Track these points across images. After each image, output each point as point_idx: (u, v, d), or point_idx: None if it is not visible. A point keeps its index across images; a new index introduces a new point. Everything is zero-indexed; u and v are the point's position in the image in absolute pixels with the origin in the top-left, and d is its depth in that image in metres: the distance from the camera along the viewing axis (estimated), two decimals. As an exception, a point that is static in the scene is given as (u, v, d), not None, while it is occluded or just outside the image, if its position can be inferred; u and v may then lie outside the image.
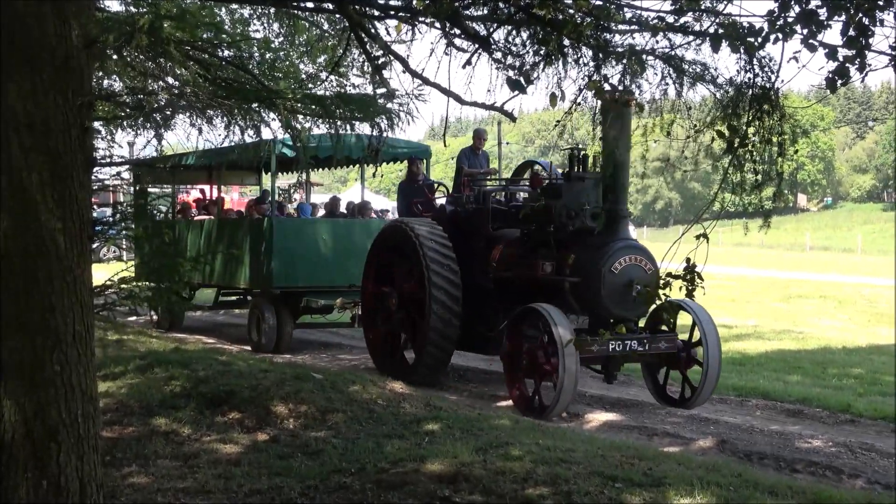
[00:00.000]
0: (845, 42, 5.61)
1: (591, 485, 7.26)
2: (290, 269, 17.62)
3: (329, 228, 18.46)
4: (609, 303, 11.95)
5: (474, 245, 14.08)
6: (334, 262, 17.93)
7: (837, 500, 6.45)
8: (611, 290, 11.88)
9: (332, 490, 7.45)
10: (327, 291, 17.76)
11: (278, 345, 17.63)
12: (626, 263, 11.93)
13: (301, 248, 17.80)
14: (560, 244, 12.47)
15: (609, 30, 6.64)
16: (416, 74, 8.11)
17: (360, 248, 17.06)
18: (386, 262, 15.12)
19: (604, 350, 11.93)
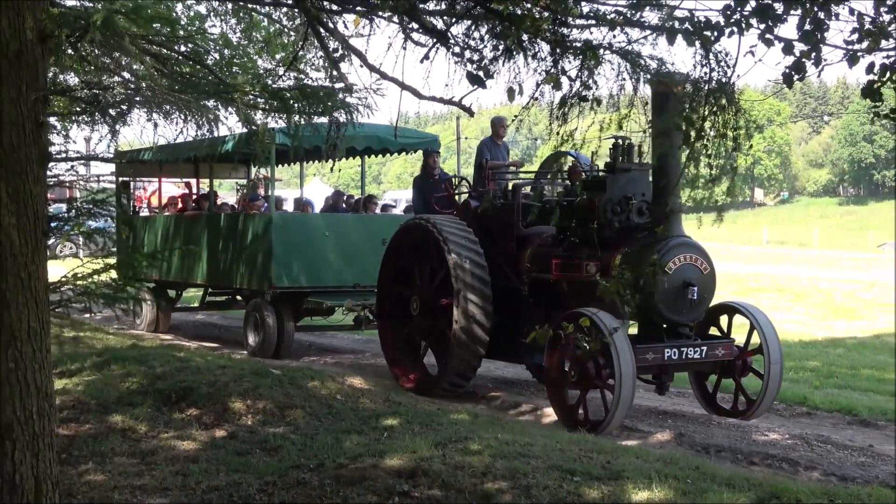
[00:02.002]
0: (801, 37, 5.64)
1: (550, 478, 7.27)
2: (291, 268, 16.66)
3: (332, 224, 17.38)
4: (662, 307, 10.91)
5: (503, 244, 13.01)
6: (338, 260, 16.98)
7: (794, 492, 6.49)
8: (665, 292, 10.82)
9: (290, 486, 7.44)
10: (331, 292, 16.81)
11: (278, 349, 16.52)
12: (681, 263, 10.93)
13: (303, 245, 16.79)
14: (605, 242, 11.45)
15: (566, 24, 6.64)
16: (374, 69, 8.09)
17: (366, 245, 16.64)
18: (405, 262, 13.97)
19: (658, 359, 10.94)
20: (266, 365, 12.66)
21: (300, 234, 16.84)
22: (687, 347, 11.06)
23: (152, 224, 20.40)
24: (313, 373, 11.96)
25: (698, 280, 10.91)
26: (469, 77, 6.65)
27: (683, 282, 10.83)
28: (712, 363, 11.46)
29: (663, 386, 11.49)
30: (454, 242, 12.59)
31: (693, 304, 10.91)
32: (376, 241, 15.98)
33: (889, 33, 5.82)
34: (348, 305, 16.09)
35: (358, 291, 16.55)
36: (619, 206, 11.39)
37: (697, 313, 11.19)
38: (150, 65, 9.03)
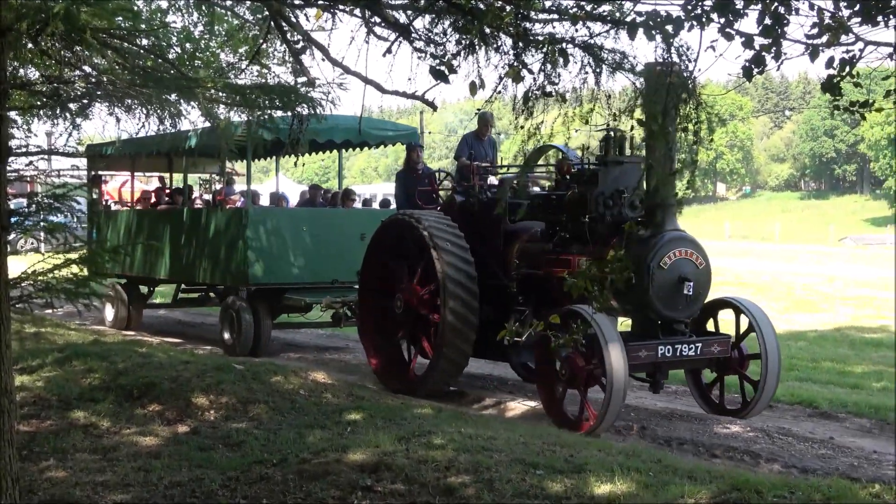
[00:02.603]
0: (761, 31, 5.67)
1: (513, 472, 7.29)
2: (268, 264, 16.18)
3: (310, 219, 16.95)
4: (658, 303, 10.55)
5: (489, 240, 12.59)
6: (316, 255, 16.52)
7: (754, 484, 6.52)
8: (660, 288, 10.50)
9: (253, 481, 7.42)
10: (310, 288, 16.44)
11: (255, 346, 16.07)
12: (677, 258, 10.59)
13: (280, 240, 16.36)
14: (597, 237, 11.06)
15: (529, 18, 6.65)
16: (336, 63, 8.08)
17: (344, 240, 16.32)
18: (388, 259, 13.51)
19: (652, 356, 10.61)
20: (229, 360, 12.61)
21: (277, 229, 16.41)
22: (681, 344, 10.77)
23: (124, 219, 19.92)
24: (276, 368, 11.93)
25: (694, 275, 10.64)
26: (432, 72, 6.64)
27: (679, 277, 10.56)
28: (707, 360, 11.19)
29: (658, 384, 11.19)
30: (439, 238, 12.22)
31: (689, 299, 10.64)
32: (355, 236, 15.79)
33: (848, 28, 5.85)
34: (327, 302, 15.75)
35: (337, 288, 16.25)
36: (612, 200, 11.06)
37: (693, 309, 10.92)
38: (111, 59, 9.00)
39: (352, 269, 15.39)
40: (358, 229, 15.93)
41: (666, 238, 10.60)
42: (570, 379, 10.51)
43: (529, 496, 6.82)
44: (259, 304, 16.21)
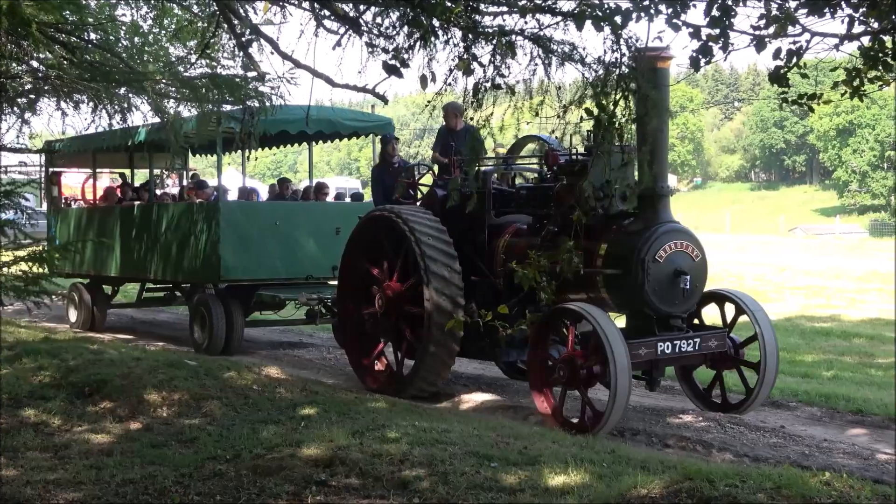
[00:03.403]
0: (709, 22, 5.71)
1: (467, 465, 7.29)
2: (241, 260, 15.56)
3: (283, 213, 16.34)
4: (654, 297, 10.18)
5: (473, 235, 12.03)
6: (290, 251, 15.98)
7: (706, 474, 6.55)
8: (656, 282, 10.14)
9: (206, 477, 7.38)
10: (283, 284, 15.97)
11: (228, 345, 15.50)
12: (672, 251, 10.24)
13: (253, 235, 15.72)
14: (588, 231, 10.00)
15: (479, 11, 6.66)
16: (286, 56, 8.06)
17: (319, 234, 15.99)
18: (368, 256, 12.83)
19: (651, 353, 10.20)
20: (181, 356, 12.54)
21: (249, 224, 15.86)
22: (680, 340, 10.40)
23: (86, 217, 19.38)
24: (229, 363, 11.89)
25: (690, 269, 10.30)
26: (385, 67, 6.63)
27: (675, 270, 10.22)
28: (704, 356, 10.82)
29: (654, 382, 10.68)
30: (422, 234, 11.67)
31: (685, 293, 10.31)
32: (330, 231, 15.60)
33: (795, 19, 5.91)
34: (303, 300, 15.21)
35: (311, 284, 15.87)
36: (602, 191, 10.56)
37: (690, 304, 10.60)
38: (58, 53, 8.92)
39: (326, 264, 15.31)
40: (332, 223, 15.69)
41: (661, 230, 10.29)
42: (568, 380, 10.06)
43: (484, 489, 6.83)
44: (231, 301, 15.76)
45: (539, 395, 10.43)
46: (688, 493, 6.24)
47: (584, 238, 9.99)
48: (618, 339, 9.65)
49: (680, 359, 10.69)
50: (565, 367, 10.02)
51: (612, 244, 10.45)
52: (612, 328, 9.74)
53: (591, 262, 10.34)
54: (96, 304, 18.81)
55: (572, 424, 9.99)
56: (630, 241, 10.28)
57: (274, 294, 15.68)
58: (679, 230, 10.48)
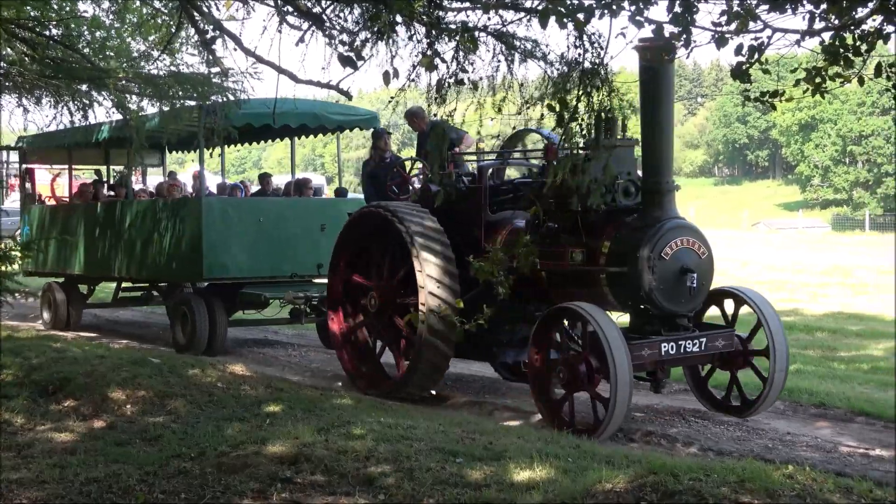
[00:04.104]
0: (671, 18, 5.73)
1: (433, 460, 7.30)
2: (223, 258, 15.15)
3: (266, 210, 15.88)
4: (659, 296, 9.84)
5: (469, 232, 11.50)
6: (274, 248, 15.55)
7: (671, 468, 6.59)
8: (661, 280, 9.80)
9: (171, 475, 7.36)
10: (267, 282, 15.57)
11: (210, 346, 15.08)
12: (678, 248, 9.89)
13: (236, 232, 15.27)
14: (589, 227, 10.28)
15: (441, 6, 6.66)
16: (249, 52, 8.04)
17: (303, 231, 15.64)
18: (360, 254, 12.41)
19: (655, 354, 9.87)
20: (144, 353, 12.48)
21: (232, 221, 15.39)
22: (685, 340, 10.02)
23: (59, 214, 19.00)
24: (194, 361, 11.84)
25: (697, 266, 9.97)
26: (340, 59, 6.62)
27: (681, 268, 9.86)
28: (711, 356, 10.47)
29: (659, 383, 10.40)
30: (417, 232, 11.22)
31: (692, 292, 9.95)
32: (315, 228, 15.38)
33: (756, 15, 5.94)
34: (289, 298, 14.69)
35: (296, 282, 15.50)
36: (605, 187, 10.15)
37: (696, 302, 10.23)
38: (20, 50, 8.86)
39: (312, 262, 15.00)
40: (317, 220, 15.45)
41: (666, 226, 9.93)
42: (568, 382, 9.74)
43: (449, 484, 6.83)
44: (214, 300, 15.36)
45: (539, 398, 10.16)
46: (652, 487, 6.27)
47: (586, 235, 10.24)
48: (618, 340, 9.33)
49: (685, 360, 10.35)
50: (565, 368, 9.74)
51: (616, 241, 10.15)
52: (612, 328, 9.42)
53: (593, 259, 10.22)
54: (71, 303, 18.41)
55: (567, 424, 9.70)
56: (634, 237, 9.96)
57: (258, 292, 15.33)
58: (685, 226, 10.15)
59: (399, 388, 11.60)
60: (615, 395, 9.21)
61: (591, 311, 9.52)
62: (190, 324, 15.22)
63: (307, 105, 15.85)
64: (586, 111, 6.72)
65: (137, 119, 12.63)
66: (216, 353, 14.83)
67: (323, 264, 14.32)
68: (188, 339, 15.24)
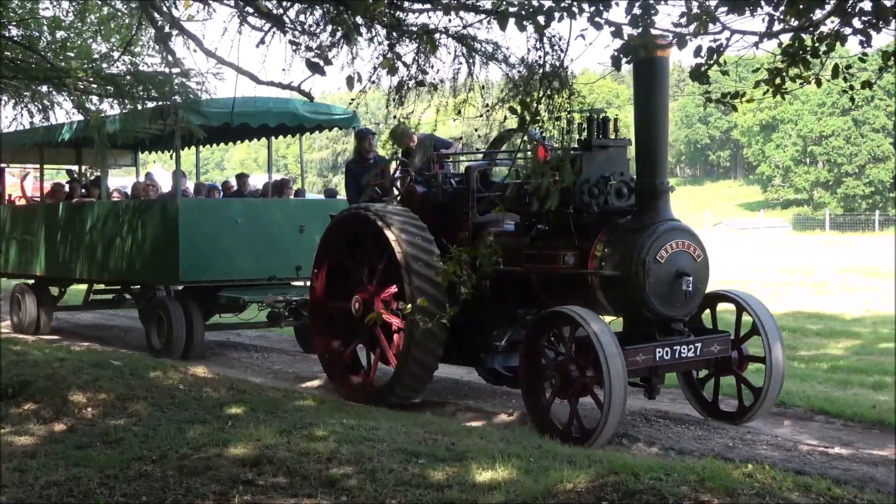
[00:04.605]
0: (630, 20, 5.76)
1: (395, 461, 7.31)
2: (200, 260, 14.86)
3: (245, 211, 15.60)
4: (654, 300, 9.62)
5: (456, 234, 10.99)
6: (252, 250, 15.25)
7: (632, 467, 6.63)
8: (656, 283, 9.58)
9: (132, 479, 7.31)
10: (245, 285, 15.26)
11: (188, 350, 14.84)
12: (674, 250, 9.70)
13: (214, 234, 15.03)
14: (582, 229, 10.08)
15: (402, 8, 6.67)
16: (209, 53, 8.02)
17: (282, 233, 15.40)
18: (343, 257, 12.07)
19: (649, 360, 9.61)
20: (106, 355, 12.42)
21: (210, 222, 15.16)
22: (680, 345, 9.81)
23: (31, 214, 18.60)
24: (155, 363, 11.78)
25: (692, 269, 9.76)
26: (308, 65, 6.61)
27: (677, 271, 9.65)
28: (706, 361, 10.25)
29: (653, 389, 10.05)
30: (404, 234, 10.94)
31: (688, 296, 9.76)
32: (293, 229, 15.19)
33: (715, 17, 5.99)
34: (269, 301, 14.50)
35: (275, 285, 15.28)
36: (597, 188, 10.05)
37: (692, 306, 10.06)
38: (-22, 50, 8.78)
39: (290, 264, 14.83)
40: (296, 221, 15.26)
41: (661, 229, 9.73)
42: (561, 388, 9.50)
43: (411, 485, 6.84)
44: (191, 303, 15.14)
45: (532, 406, 9.92)
46: (613, 486, 6.30)
47: (578, 237, 10.06)
48: (612, 345, 9.09)
49: (680, 365, 10.12)
50: (558, 374, 9.52)
51: (609, 244, 9.94)
52: (606, 333, 9.17)
53: (585, 262, 10.01)
54: (42, 305, 18.11)
55: (560, 432, 9.47)
56: (629, 240, 9.78)
57: (237, 295, 14.97)
58: (680, 228, 9.96)
59: (384, 395, 11.26)
60: (609, 401, 9.00)
61: (586, 316, 9.30)
62: (166, 328, 14.93)
63: (285, 104, 15.57)
64: (547, 113, 6.72)
65: (98, 120, 12.55)
66: (193, 357, 14.55)
67: (302, 266, 14.35)
68: (164, 344, 14.94)
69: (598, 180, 10.08)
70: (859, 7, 5.94)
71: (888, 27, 5.98)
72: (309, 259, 12.67)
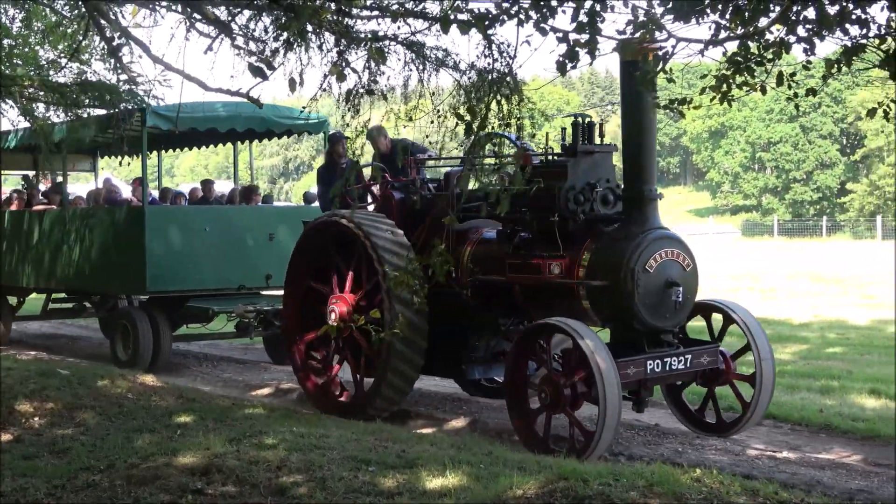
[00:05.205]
0: (576, 27, 5.79)
1: (345, 469, 7.29)
2: (167, 269, 14.43)
3: (213, 218, 15.20)
4: (643, 311, 9.32)
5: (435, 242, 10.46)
6: (221, 258, 14.84)
7: (581, 473, 6.66)
8: (646, 294, 9.30)
9: (79, 488, 7.26)
10: (213, 295, 14.82)
11: (154, 362, 14.35)
12: (663, 259, 9.42)
13: (181, 242, 14.60)
14: (567, 237, 9.78)
15: (350, 15, 6.67)
16: (157, 60, 7.98)
17: (252, 240, 15.06)
18: (318, 267, 11.67)
19: (640, 373, 9.32)
20: (53, 364, 12.30)
21: (177, 230, 14.71)
22: (670, 357, 9.53)
23: None
24: (104, 371, 11.69)
25: (682, 279, 9.52)
26: (251, 69, 6.59)
27: (666, 281, 9.39)
28: (695, 373, 9.95)
29: (642, 402, 9.71)
30: (383, 247, 10.54)
31: (677, 306, 9.50)
32: (263, 237, 14.94)
33: (661, 25, 6.03)
34: (239, 312, 14.09)
35: (244, 294, 14.91)
36: (583, 195, 9.78)
37: (681, 317, 9.80)
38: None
39: (260, 273, 14.57)
40: (265, 229, 15.01)
41: (650, 237, 9.44)
42: (552, 403, 9.18)
43: (362, 493, 6.83)
44: (157, 313, 14.70)
45: (518, 420, 9.63)
46: (562, 492, 6.33)
47: (564, 246, 9.73)
48: (605, 356, 8.80)
49: (670, 377, 9.84)
50: (548, 388, 9.18)
51: (597, 253, 9.65)
52: (599, 345, 8.86)
53: (571, 272, 9.70)
54: (0, 316, 17.71)
55: (550, 449, 9.18)
56: (617, 249, 9.47)
57: (206, 306, 14.47)
58: (669, 237, 9.67)
59: (361, 407, 10.90)
60: (604, 416, 8.71)
61: (577, 328, 8.99)
62: (132, 339, 14.51)
63: (254, 109, 14.53)
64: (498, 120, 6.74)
65: (45, 127, 12.46)
66: (160, 370, 14.08)
67: (272, 275, 14.13)
68: (131, 356, 14.51)
69: (584, 187, 9.83)
70: (803, 15, 6.00)
71: (832, 35, 6.05)
72: (279, 267, 12.44)
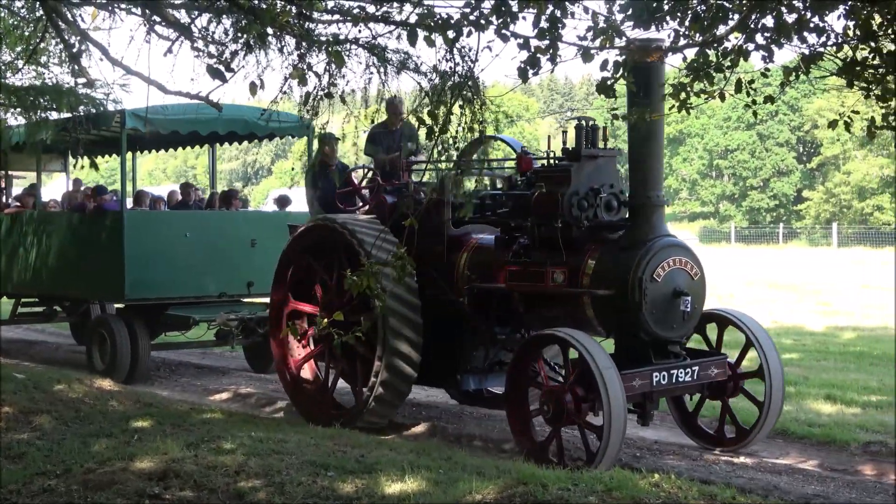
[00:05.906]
0: (537, 33, 5.82)
1: (304, 474, 7.28)
2: (147, 276, 13.97)
3: (193, 224, 14.76)
4: (651, 321, 9.03)
5: (430, 248, 10.31)
6: (201, 265, 14.43)
7: (540, 478, 6.69)
8: (653, 304, 9.01)
9: (35, 494, 7.21)
10: (194, 303, 14.37)
11: (133, 371, 13.93)
12: (671, 268, 9.14)
13: (161, 248, 14.11)
14: (570, 244, 9.49)
15: (311, 19, 6.66)
16: (116, 63, 7.93)
17: (233, 247, 14.59)
18: (306, 273, 11.28)
19: (646, 385, 8.98)
20: (9, 368, 12.20)
21: (157, 236, 14.25)
22: (677, 369, 9.21)
23: None
24: (60, 376, 11.61)
25: (690, 288, 9.22)
26: (209, 71, 6.57)
27: (674, 290, 9.11)
28: (702, 385, 9.63)
29: (647, 415, 9.34)
30: (372, 247, 9.77)
31: (686, 316, 9.19)
32: (245, 243, 14.57)
33: (621, 31, 6.07)
34: (221, 320, 13.72)
35: (225, 302, 14.48)
36: (587, 201, 9.44)
37: (689, 327, 9.47)
38: None
39: (242, 280, 14.37)
40: (247, 235, 14.65)
41: (658, 245, 9.16)
42: (555, 416, 8.88)
43: (321, 498, 6.83)
44: (136, 321, 14.22)
45: (520, 433, 9.32)
46: (521, 497, 6.35)
47: (567, 253, 9.45)
48: (611, 370, 8.50)
49: (676, 389, 9.52)
50: (551, 401, 8.88)
51: (602, 261, 9.36)
52: (603, 357, 8.59)
53: (575, 280, 9.41)
54: None
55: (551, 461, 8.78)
56: (623, 257, 9.19)
57: (186, 314, 14.11)
58: (677, 245, 9.40)
59: (353, 418, 10.49)
60: (609, 428, 8.40)
61: (581, 339, 8.72)
62: (109, 347, 14.10)
63: (235, 111, 14.75)
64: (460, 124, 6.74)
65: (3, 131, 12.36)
66: (138, 379, 13.86)
67: (254, 282, 13.99)
68: (108, 365, 14.07)
69: (588, 192, 9.50)
70: (762, 23, 6.06)
71: (790, 43, 6.11)
72: (261, 274, 12.30)
